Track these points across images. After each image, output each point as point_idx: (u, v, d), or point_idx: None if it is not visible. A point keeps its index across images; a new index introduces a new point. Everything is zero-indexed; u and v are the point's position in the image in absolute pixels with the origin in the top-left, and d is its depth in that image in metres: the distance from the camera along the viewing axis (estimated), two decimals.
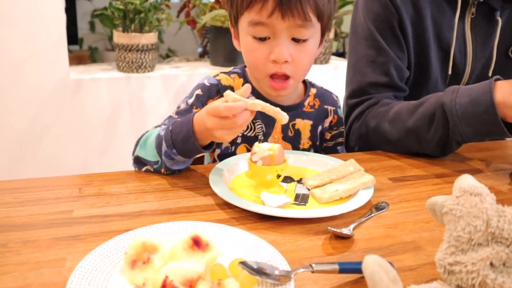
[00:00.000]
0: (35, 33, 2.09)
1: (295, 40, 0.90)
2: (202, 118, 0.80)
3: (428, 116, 0.98)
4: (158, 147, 0.86)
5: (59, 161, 2.23)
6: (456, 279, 0.47)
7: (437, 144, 0.99)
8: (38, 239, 0.65)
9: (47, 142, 2.21)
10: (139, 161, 0.91)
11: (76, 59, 3.27)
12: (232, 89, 1.00)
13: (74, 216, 0.72)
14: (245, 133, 1.02)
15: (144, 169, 0.90)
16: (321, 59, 2.72)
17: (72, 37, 3.75)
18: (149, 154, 0.88)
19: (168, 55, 3.82)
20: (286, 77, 0.93)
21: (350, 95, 1.18)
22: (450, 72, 1.17)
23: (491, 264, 0.45)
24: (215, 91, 1.00)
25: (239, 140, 1.02)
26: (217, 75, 1.03)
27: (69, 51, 2.36)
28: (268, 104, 0.77)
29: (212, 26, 2.48)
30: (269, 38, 0.90)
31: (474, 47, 1.17)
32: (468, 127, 0.92)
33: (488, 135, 0.94)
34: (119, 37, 2.29)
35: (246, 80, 1.03)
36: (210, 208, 0.77)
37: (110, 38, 3.67)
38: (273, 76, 0.93)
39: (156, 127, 0.95)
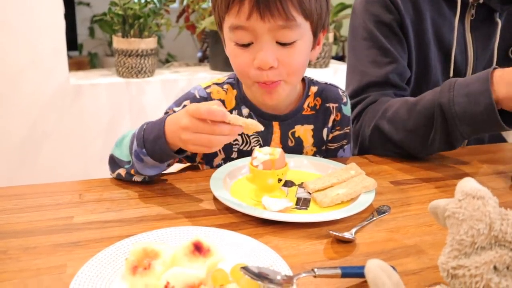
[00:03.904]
0: (34, 40, 2.09)
1: (281, 43, 0.83)
2: (177, 117, 0.76)
3: (427, 116, 0.96)
4: (130, 146, 0.83)
5: (59, 167, 2.23)
6: (460, 283, 0.46)
7: (438, 143, 0.97)
8: (38, 246, 0.65)
9: (47, 148, 2.21)
10: (112, 161, 0.87)
11: (75, 65, 3.28)
12: (223, 102, 0.96)
13: (75, 222, 0.72)
14: (241, 148, 0.98)
15: (115, 173, 0.87)
16: (321, 63, 2.73)
17: (72, 43, 3.76)
18: (123, 153, 0.85)
19: (167, 60, 3.83)
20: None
21: (349, 96, 1.16)
22: (451, 75, 1.16)
23: (495, 267, 0.45)
24: None
25: (234, 155, 0.98)
26: (209, 86, 0.97)
27: (69, 57, 2.37)
28: (246, 119, 0.74)
29: (211, 30, 2.48)
30: (252, 43, 0.84)
31: (474, 49, 1.17)
32: (468, 126, 0.91)
33: (487, 131, 0.94)
34: (119, 42, 2.29)
35: (239, 92, 0.98)
36: (211, 213, 0.76)
37: (110, 43, 3.68)
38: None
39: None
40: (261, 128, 0.75)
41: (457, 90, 0.91)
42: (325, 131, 1.03)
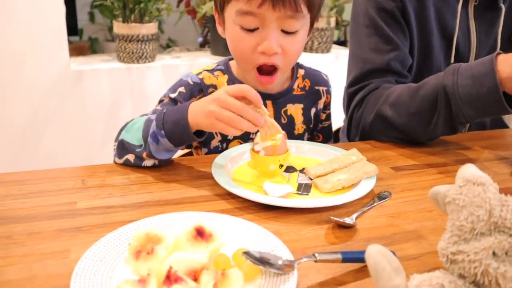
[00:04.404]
0: (35, 25, 2.08)
1: (285, 31, 0.88)
2: (208, 96, 0.79)
3: (430, 100, 0.97)
4: (146, 129, 0.84)
5: (61, 153, 2.24)
6: (459, 268, 0.47)
7: (441, 127, 0.97)
8: (42, 231, 0.65)
9: (48, 134, 2.21)
10: (122, 147, 0.87)
11: (76, 50, 3.26)
12: (215, 87, 0.99)
13: (78, 208, 0.72)
14: None
15: (123, 159, 0.87)
16: (322, 48, 2.71)
17: (72, 28, 3.73)
18: (134, 137, 0.85)
19: (168, 45, 3.80)
20: (274, 70, 0.92)
21: (351, 83, 1.17)
22: (452, 61, 1.16)
23: (494, 253, 0.45)
24: (197, 90, 0.98)
25: (230, 137, 1.00)
26: (200, 73, 1.00)
27: (69, 42, 2.35)
28: (272, 119, 0.78)
29: (212, 15, 2.46)
30: (258, 28, 0.87)
31: (478, 35, 1.17)
32: (471, 109, 0.91)
33: (491, 114, 0.94)
34: (119, 27, 2.28)
35: (231, 76, 1.01)
36: (213, 199, 0.77)
37: (110, 28, 3.65)
38: (260, 69, 0.92)
39: (142, 115, 0.93)
40: (281, 132, 0.79)
41: (461, 73, 0.92)
42: (313, 110, 1.08)
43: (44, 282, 0.55)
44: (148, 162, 0.86)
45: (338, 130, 1.34)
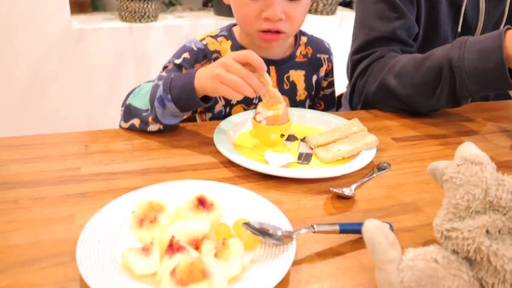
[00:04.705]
0: None
1: None
2: (212, 64, 0.80)
3: (435, 72, 0.96)
4: (153, 94, 0.85)
5: (63, 112, 2.24)
6: (452, 244, 0.48)
7: (445, 100, 0.97)
8: (47, 196, 0.67)
9: (50, 93, 2.20)
10: (128, 111, 0.88)
11: (77, 6, 3.19)
12: (219, 53, 0.99)
13: (82, 173, 0.74)
14: None
15: (129, 123, 0.88)
16: (327, 10, 2.65)
17: None
18: (142, 102, 0.86)
19: (171, 2, 3.73)
20: (278, 32, 0.92)
21: (355, 50, 1.15)
22: (459, 30, 1.14)
23: (487, 231, 0.47)
24: (202, 55, 0.98)
25: (234, 101, 1.01)
26: (204, 38, 1.00)
27: None
28: (272, 88, 0.79)
29: None
30: None
31: (487, 4, 1.14)
32: (476, 83, 0.91)
33: (495, 89, 0.94)
34: None
35: (234, 42, 1.01)
36: (215, 166, 0.78)
37: None
38: (265, 31, 0.92)
39: (148, 81, 0.93)
40: (282, 102, 0.80)
41: (468, 47, 0.91)
42: (314, 77, 1.09)
43: (50, 247, 0.57)
44: (153, 127, 0.86)
45: (340, 96, 1.34)
